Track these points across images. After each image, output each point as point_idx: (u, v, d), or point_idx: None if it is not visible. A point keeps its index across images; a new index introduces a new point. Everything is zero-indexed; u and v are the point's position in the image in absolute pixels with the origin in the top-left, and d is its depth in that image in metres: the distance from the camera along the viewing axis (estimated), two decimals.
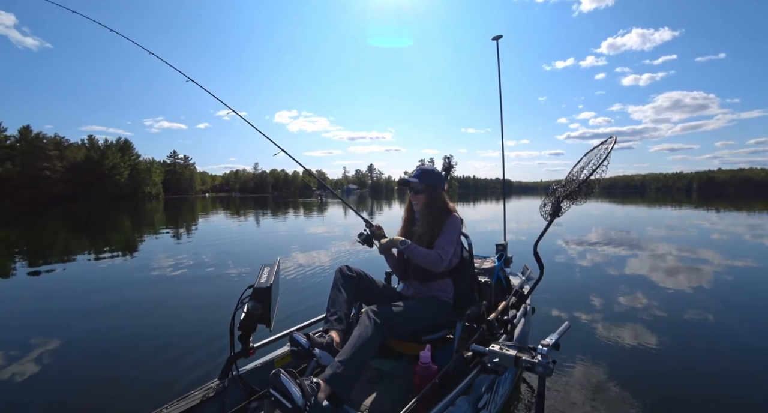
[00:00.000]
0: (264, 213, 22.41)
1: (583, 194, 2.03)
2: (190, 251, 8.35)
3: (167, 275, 6.07)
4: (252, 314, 1.61)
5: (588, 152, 2.14)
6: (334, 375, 1.46)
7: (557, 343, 1.70)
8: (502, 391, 2.06)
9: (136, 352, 3.16)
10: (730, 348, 3.18)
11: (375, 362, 2.06)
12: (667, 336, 3.36)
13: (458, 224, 2.03)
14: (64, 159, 57.83)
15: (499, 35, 3.69)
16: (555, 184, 2.21)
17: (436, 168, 2.16)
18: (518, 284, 2.65)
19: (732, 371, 2.79)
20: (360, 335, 1.60)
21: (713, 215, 18.26)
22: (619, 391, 2.47)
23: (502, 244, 3.00)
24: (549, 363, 1.63)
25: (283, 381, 1.29)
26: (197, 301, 4.61)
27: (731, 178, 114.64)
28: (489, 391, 1.83)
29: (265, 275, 1.68)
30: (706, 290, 4.97)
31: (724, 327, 3.66)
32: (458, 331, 1.94)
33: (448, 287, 2.07)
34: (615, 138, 2.00)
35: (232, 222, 16.74)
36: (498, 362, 1.74)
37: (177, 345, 3.25)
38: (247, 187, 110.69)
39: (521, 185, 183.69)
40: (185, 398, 1.61)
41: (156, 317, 4.08)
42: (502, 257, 2.73)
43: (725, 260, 7.04)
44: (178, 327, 3.69)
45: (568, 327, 1.81)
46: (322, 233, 11.77)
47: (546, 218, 2.16)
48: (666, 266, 6.50)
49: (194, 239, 10.87)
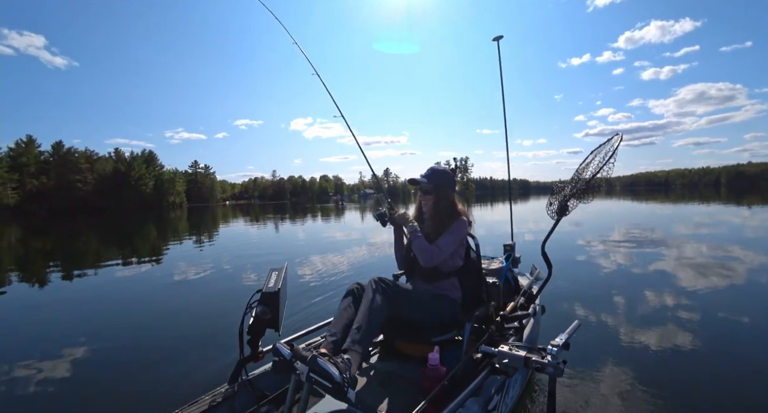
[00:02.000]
0: (284, 218, 22.81)
1: (590, 192, 2.00)
2: (211, 258, 8.57)
3: (185, 282, 6.22)
4: (260, 318, 1.65)
5: (594, 149, 2.11)
6: (353, 340, 1.59)
7: (567, 343, 1.69)
8: (512, 393, 2.04)
9: (147, 357, 3.19)
10: (748, 348, 3.05)
11: (384, 364, 2.08)
12: (681, 335, 3.25)
13: (464, 227, 2.04)
14: (94, 171, 60.69)
15: (500, 36, 3.65)
16: (561, 182, 2.19)
17: (447, 168, 2.18)
18: (527, 284, 2.62)
19: (755, 373, 2.66)
20: (369, 301, 1.71)
21: (744, 211, 17.35)
22: (631, 391, 2.41)
23: (509, 244, 2.97)
24: (559, 364, 1.62)
25: (321, 363, 1.36)
26: (211, 306, 4.71)
27: (763, 171, 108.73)
28: (499, 393, 1.81)
29: (273, 279, 1.72)
30: (722, 289, 4.75)
31: (743, 327, 3.51)
32: (467, 332, 1.93)
33: (454, 288, 2.08)
34: (621, 135, 1.97)
35: (253, 229, 17.06)
36: (508, 363, 1.74)
37: (188, 349, 3.29)
38: (265, 194, 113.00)
39: (539, 185, 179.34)
40: (195, 402, 1.62)
41: (169, 321, 4.16)
42: (509, 258, 2.71)
43: (755, 257, 6.70)
44: (190, 332, 3.75)
45: (578, 326, 1.79)
46: (341, 239, 11.86)
47: (553, 217, 2.14)
48: (681, 263, 6.24)
49: (217, 246, 11.15)
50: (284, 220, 21.69)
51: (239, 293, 5.24)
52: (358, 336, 1.61)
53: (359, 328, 1.63)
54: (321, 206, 41.23)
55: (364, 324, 1.64)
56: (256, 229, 16.70)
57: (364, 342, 1.61)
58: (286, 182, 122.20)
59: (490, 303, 2.11)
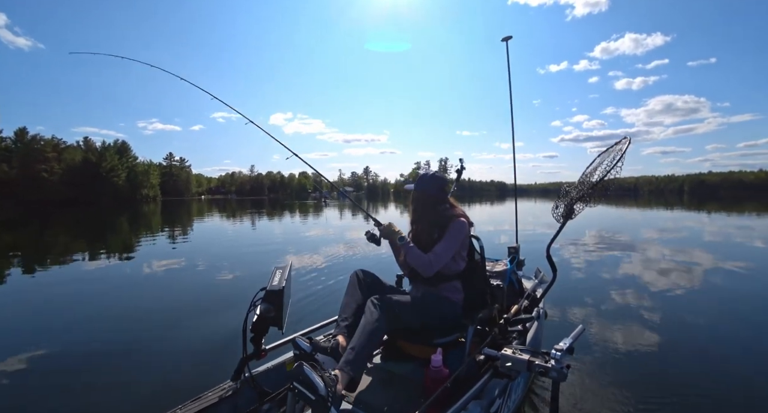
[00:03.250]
0: (271, 215, 22.39)
1: (596, 196, 2.01)
2: (200, 254, 8.32)
3: (180, 278, 6.09)
4: (264, 316, 1.63)
5: (601, 152, 2.12)
6: (346, 361, 1.56)
7: (571, 347, 1.67)
8: (514, 396, 2.03)
9: (149, 354, 3.17)
10: (751, 351, 3.16)
11: (387, 365, 2.06)
12: (685, 339, 3.35)
13: (463, 229, 2.02)
14: (61, 161, 57.63)
15: (509, 36, 3.64)
16: (567, 185, 2.19)
17: (437, 173, 2.17)
18: (531, 287, 2.62)
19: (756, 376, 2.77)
20: (366, 321, 1.68)
21: (705, 217, 18.38)
22: (635, 396, 2.43)
23: (514, 247, 2.98)
24: (563, 368, 1.60)
25: (307, 371, 1.35)
26: (210, 303, 4.60)
27: (722, 180, 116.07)
28: (501, 396, 1.80)
29: (278, 277, 1.71)
30: (721, 291, 4.98)
31: (741, 329, 3.65)
32: (470, 335, 1.92)
33: (456, 290, 2.07)
34: (629, 139, 1.98)
35: (237, 225, 16.67)
36: (511, 366, 1.71)
37: (190, 346, 3.26)
38: (243, 189, 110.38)
39: (517, 188, 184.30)
40: (198, 399, 1.62)
41: (168, 318, 4.06)
42: (514, 260, 2.71)
43: (724, 261, 7.05)
44: (191, 329, 3.68)
45: (583, 330, 1.79)
46: (329, 235, 11.72)
47: (559, 220, 2.14)
48: (678, 269, 6.48)
49: (198, 241, 10.84)
50: (272, 217, 21.28)
51: (241, 288, 5.15)
52: (352, 356, 1.58)
53: (354, 349, 1.60)
54: (303, 203, 40.66)
55: (359, 346, 1.61)
56: (248, 224, 16.34)
57: (357, 365, 1.58)
58: (264, 177, 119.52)
59: (494, 306, 2.10)
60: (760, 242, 9.65)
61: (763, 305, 4.50)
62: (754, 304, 4.53)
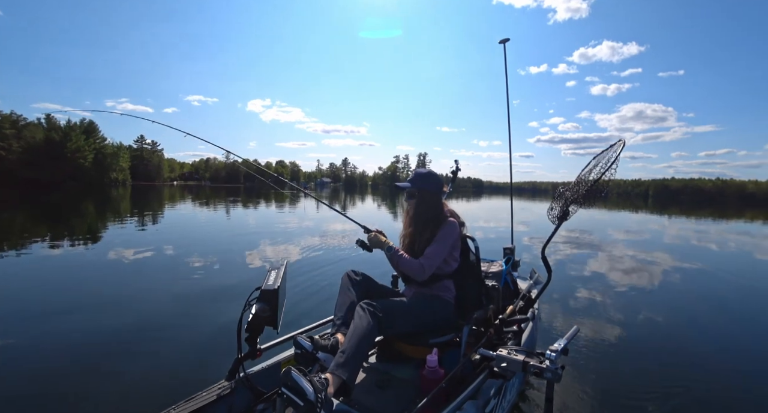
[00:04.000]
0: (236, 203, 21.78)
1: (591, 198, 2.03)
2: (186, 246, 7.97)
3: (172, 274, 5.74)
4: (259, 316, 1.61)
5: (597, 155, 2.14)
6: (337, 364, 1.53)
7: (566, 348, 1.69)
8: (509, 396, 2.06)
9: (141, 353, 3.04)
10: (744, 350, 3.34)
11: (382, 365, 2.05)
12: (679, 339, 3.48)
13: (454, 230, 2.01)
14: (21, 138, 53.88)
15: (506, 38, 3.66)
16: (562, 187, 2.20)
17: (432, 171, 2.13)
18: (526, 288, 2.65)
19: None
20: (356, 326, 1.65)
21: (673, 222, 19.41)
22: (629, 396, 2.51)
23: (509, 248, 3.00)
24: (558, 369, 1.62)
25: (295, 376, 1.32)
26: (204, 301, 4.38)
27: (684, 186, 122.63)
28: (496, 396, 1.82)
29: (273, 277, 1.69)
30: (711, 293, 5.23)
31: (737, 329, 3.87)
32: (465, 335, 1.93)
33: (447, 289, 2.07)
34: (624, 141, 2.00)
35: (216, 214, 16.20)
36: (506, 367, 1.73)
37: (185, 345, 3.17)
38: (218, 176, 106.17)
39: (492, 185, 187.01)
40: (192, 399, 1.61)
41: (161, 316, 3.87)
42: (509, 261, 2.73)
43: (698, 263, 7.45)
44: (184, 328, 3.54)
45: (577, 331, 1.81)
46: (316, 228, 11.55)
47: (554, 221, 2.15)
48: (663, 269, 6.82)
49: (173, 229, 10.45)
50: (248, 206, 20.75)
51: (234, 285, 4.96)
52: (343, 360, 1.54)
53: (344, 352, 1.56)
54: (278, 193, 39.83)
55: (349, 350, 1.57)
56: (224, 213, 15.87)
57: (348, 368, 1.54)
58: (240, 165, 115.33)
59: (489, 306, 2.11)
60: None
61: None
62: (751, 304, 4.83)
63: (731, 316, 4.40)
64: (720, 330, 3.90)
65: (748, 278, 6.58)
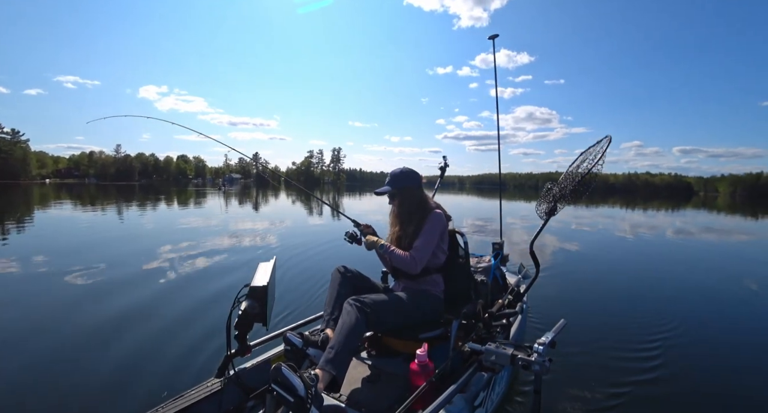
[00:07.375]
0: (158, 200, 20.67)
1: (578, 193, 2.04)
2: (180, 249, 8.18)
3: (161, 273, 5.82)
4: (248, 313, 1.62)
5: (583, 151, 2.15)
6: (326, 360, 1.54)
7: (553, 341, 1.71)
8: (498, 389, 2.06)
9: (131, 351, 3.04)
10: (737, 342, 3.31)
11: (372, 360, 2.07)
12: (664, 331, 3.44)
13: (439, 222, 2.02)
14: None
15: (495, 34, 3.71)
16: (550, 183, 2.22)
17: (405, 168, 2.14)
18: (514, 282, 2.66)
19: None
20: (344, 322, 1.66)
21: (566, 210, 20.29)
22: (615, 387, 2.50)
23: (498, 243, 3.01)
24: (545, 361, 1.63)
25: (285, 373, 1.33)
26: (193, 300, 4.40)
27: (564, 179, 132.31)
28: (485, 389, 1.83)
29: (262, 274, 1.70)
30: (694, 279, 5.25)
31: (735, 323, 3.83)
32: (455, 329, 1.94)
33: (436, 283, 2.08)
34: (610, 138, 2.02)
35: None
36: (494, 360, 1.74)
37: (174, 343, 3.17)
38: (106, 173, 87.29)
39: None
40: (182, 397, 1.60)
41: (151, 315, 3.87)
42: (498, 256, 2.75)
43: None
44: (174, 326, 3.55)
45: (564, 324, 1.82)
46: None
47: (542, 217, 2.17)
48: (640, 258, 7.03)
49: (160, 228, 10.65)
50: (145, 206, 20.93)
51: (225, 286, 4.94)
52: (332, 355, 1.56)
53: (333, 348, 1.58)
54: (197, 191, 36.25)
55: (338, 346, 1.59)
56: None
57: (338, 364, 1.56)
58: (133, 159, 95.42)
59: (478, 301, 2.13)
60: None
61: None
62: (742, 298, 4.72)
63: (716, 305, 4.42)
64: (702, 317, 3.91)
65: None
